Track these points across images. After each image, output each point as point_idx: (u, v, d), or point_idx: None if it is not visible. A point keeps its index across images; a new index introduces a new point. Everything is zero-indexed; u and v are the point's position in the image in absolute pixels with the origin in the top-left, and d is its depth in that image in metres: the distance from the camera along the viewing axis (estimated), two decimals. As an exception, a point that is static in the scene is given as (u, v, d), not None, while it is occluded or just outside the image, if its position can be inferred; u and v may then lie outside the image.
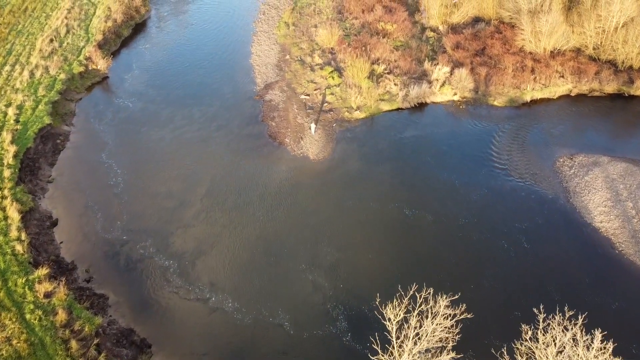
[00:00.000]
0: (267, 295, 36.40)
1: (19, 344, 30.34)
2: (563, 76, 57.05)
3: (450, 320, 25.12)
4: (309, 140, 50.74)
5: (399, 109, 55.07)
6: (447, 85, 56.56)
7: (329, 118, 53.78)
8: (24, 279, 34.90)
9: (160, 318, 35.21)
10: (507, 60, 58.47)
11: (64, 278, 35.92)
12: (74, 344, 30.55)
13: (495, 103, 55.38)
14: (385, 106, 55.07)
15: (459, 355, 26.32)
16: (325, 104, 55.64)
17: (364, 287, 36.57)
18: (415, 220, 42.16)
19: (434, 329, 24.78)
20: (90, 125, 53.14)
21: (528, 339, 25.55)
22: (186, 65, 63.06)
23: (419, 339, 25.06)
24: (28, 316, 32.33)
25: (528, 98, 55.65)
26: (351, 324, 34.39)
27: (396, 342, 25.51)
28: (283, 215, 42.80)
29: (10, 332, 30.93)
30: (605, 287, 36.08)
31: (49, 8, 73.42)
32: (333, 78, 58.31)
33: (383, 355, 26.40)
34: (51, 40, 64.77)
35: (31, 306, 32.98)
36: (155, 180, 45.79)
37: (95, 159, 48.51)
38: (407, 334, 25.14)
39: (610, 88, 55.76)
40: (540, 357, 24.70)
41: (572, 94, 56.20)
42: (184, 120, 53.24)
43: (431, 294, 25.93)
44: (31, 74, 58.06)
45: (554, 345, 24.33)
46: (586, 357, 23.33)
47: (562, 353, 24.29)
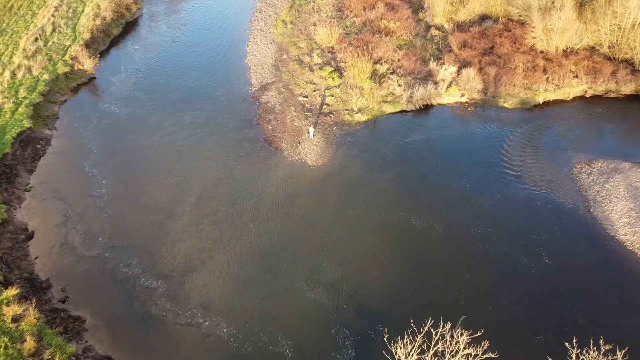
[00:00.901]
0: (266, 318, 32.92)
1: (-20, 377, 26.97)
2: (577, 76, 53.75)
3: None
4: (307, 144, 47.39)
5: (403, 112, 51.74)
6: (454, 86, 53.25)
7: (329, 121, 50.43)
8: (-9, 301, 31.49)
9: (145, 345, 31.69)
10: (518, 59, 55.16)
11: (37, 298, 32.51)
12: (42, 376, 27.16)
13: (506, 105, 52.06)
14: (389, 108, 51.73)
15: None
16: (325, 106, 52.31)
17: (370, 307, 33.21)
18: (423, 231, 38.79)
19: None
20: (74, 130, 49.72)
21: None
22: (178, 67, 59.67)
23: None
24: (-7, 344, 28.92)
25: (540, 99, 52.34)
26: (358, 352, 30.88)
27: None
28: (279, 226, 39.42)
29: (-29, 363, 27.53)
30: (635, 310, 32.66)
31: (36, 6, 70.17)
32: (333, 78, 54.99)
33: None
34: (36, 39, 61.45)
35: (-3, 332, 29.58)
36: (142, 192, 42.21)
37: (78, 167, 45.06)
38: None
39: (627, 89, 52.46)
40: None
41: (587, 95, 52.92)
42: (174, 126, 49.70)
43: (448, 330, 22.45)
44: (12, 75, 54.70)
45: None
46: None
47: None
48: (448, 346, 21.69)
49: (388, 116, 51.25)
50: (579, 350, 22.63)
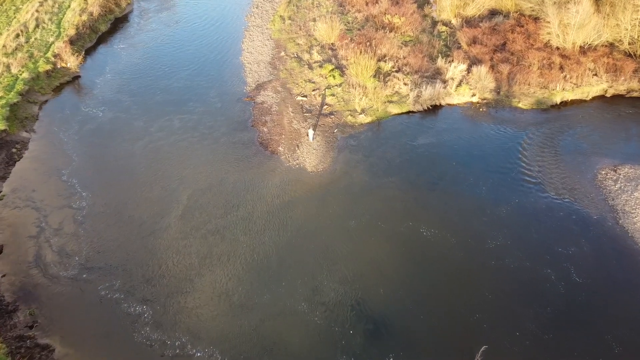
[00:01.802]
0: (265, 348, 29.06)
1: None
2: (597, 74, 49.97)
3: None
4: (306, 148, 43.60)
5: (409, 112, 47.94)
6: (465, 85, 49.45)
7: (330, 123, 46.64)
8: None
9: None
10: (532, 56, 51.38)
11: (0, 323, 28.71)
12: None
13: (520, 105, 48.26)
14: (394, 109, 47.93)
15: None
16: (325, 107, 48.52)
17: (380, 333, 29.48)
18: (436, 243, 35.03)
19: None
20: (54, 134, 45.83)
21: None
22: (167, 67, 55.61)
23: None
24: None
25: (558, 99, 48.54)
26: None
27: None
28: (275, 239, 35.64)
29: None
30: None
31: (20, 1, 66.32)
32: (334, 77, 51.19)
33: None
34: (17, 36, 57.63)
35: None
36: (124, 205, 38.14)
37: (56, 175, 41.14)
38: None
39: (651, 88, 48.76)
40: None
41: (608, 95, 49.12)
42: (161, 131, 45.55)
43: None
44: (-11, 73, 50.91)
45: None
46: None
47: None
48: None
49: (393, 117, 47.46)
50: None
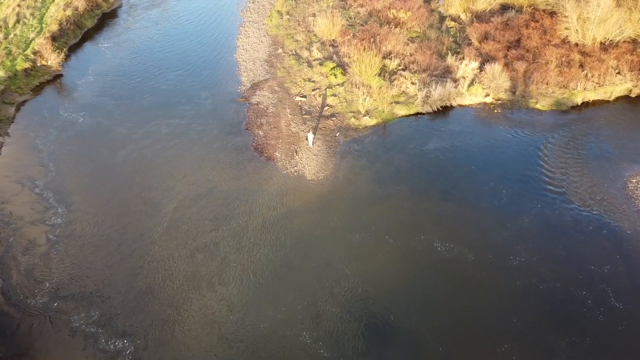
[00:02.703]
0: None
1: None
2: (620, 73, 46.10)
3: None
4: (305, 154, 39.73)
5: (418, 114, 44.05)
6: (477, 85, 45.57)
7: (331, 125, 42.75)
8: None
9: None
10: (550, 53, 47.48)
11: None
12: None
13: (538, 106, 44.38)
14: (401, 110, 44.04)
15: None
16: (326, 108, 44.63)
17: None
18: (452, 260, 31.26)
19: None
20: (29, 140, 41.77)
21: None
22: (156, 67, 51.14)
23: None
24: None
25: (579, 100, 44.65)
26: None
27: None
28: (271, 257, 31.79)
29: None
30: None
31: (1, -5, 62.29)
32: (335, 76, 47.29)
33: None
34: (-5, 32, 53.70)
35: None
36: (102, 223, 33.95)
37: (29, 186, 37.12)
38: None
39: (680, 87, 44.93)
40: None
41: (633, 95, 45.28)
42: (147, 138, 41.23)
43: None
44: (-38, 72, 47.02)
45: None
46: None
47: None
48: None
49: (400, 119, 43.57)
50: None
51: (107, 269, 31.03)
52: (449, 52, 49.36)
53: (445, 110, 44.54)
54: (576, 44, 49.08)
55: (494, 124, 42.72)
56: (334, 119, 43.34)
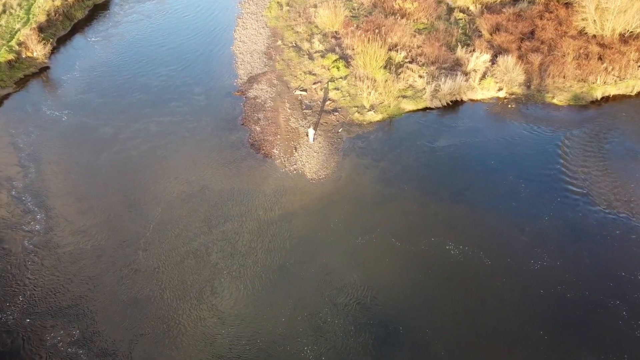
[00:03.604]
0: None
1: None
2: (642, 66, 43.18)
3: None
4: (305, 151, 36.88)
5: (426, 109, 41.15)
6: (490, 78, 42.64)
7: (333, 121, 39.88)
8: None
9: None
10: (566, 45, 44.56)
11: None
12: None
13: (555, 101, 41.45)
14: (409, 105, 41.16)
15: None
16: (328, 102, 41.75)
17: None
18: (467, 264, 28.49)
19: None
20: (9, 137, 38.68)
21: None
22: (148, 62, 47.88)
23: None
24: None
25: (598, 94, 41.71)
26: None
27: None
28: (267, 263, 28.97)
29: None
30: None
31: (-12, -15, 59.50)
32: (338, 68, 44.42)
33: None
34: (-21, 22, 50.92)
35: None
36: (84, 232, 30.88)
37: (6, 188, 34.21)
38: None
39: None
40: None
41: (656, 90, 42.38)
42: (135, 138, 37.99)
43: None
44: (-60, 63, 44.23)
45: None
46: None
47: None
48: None
49: (408, 115, 40.68)
50: None
51: (88, 281, 28.09)
52: (459, 44, 46.46)
53: (455, 105, 41.64)
54: (594, 36, 46.15)
55: (508, 119, 39.80)
56: (337, 114, 40.47)
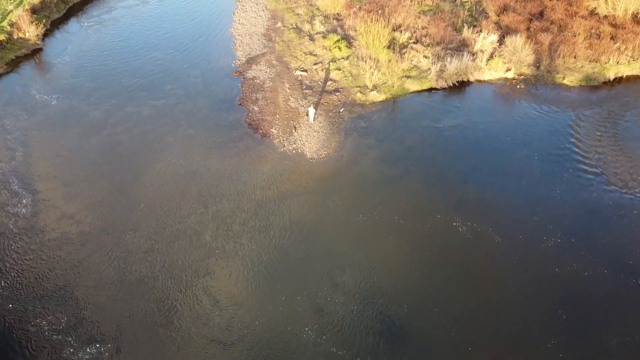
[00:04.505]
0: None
1: None
2: (656, 46, 41.48)
3: None
4: (305, 131, 35.32)
5: (431, 89, 39.56)
6: (497, 58, 41.00)
7: (335, 101, 38.31)
8: None
9: None
10: (577, 25, 42.93)
11: None
12: None
13: (566, 82, 39.82)
14: (413, 85, 39.55)
15: None
16: (329, 83, 40.17)
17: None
18: (476, 241, 27.16)
19: None
20: (-1, 118, 37.53)
21: None
22: (143, 46, 46.29)
23: None
24: None
25: (611, 75, 40.04)
26: None
27: None
28: (265, 243, 27.43)
29: None
30: None
31: (-18, -32, 58.09)
32: (340, 49, 42.83)
33: None
34: (-29, 4, 49.47)
35: None
36: (70, 217, 29.20)
37: (-7, 165, 32.89)
38: None
39: None
40: None
41: (671, 70, 40.67)
42: (126, 122, 36.30)
43: None
44: None
45: None
46: None
47: None
48: None
49: (412, 95, 39.09)
50: None
51: (73, 270, 26.43)
52: (465, 25, 44.84)
53: (461, 85, 40.02)
54: (605, 16, 44.54)
55: (517, 100, 38.18)
56: (338, 94, 38.90)
